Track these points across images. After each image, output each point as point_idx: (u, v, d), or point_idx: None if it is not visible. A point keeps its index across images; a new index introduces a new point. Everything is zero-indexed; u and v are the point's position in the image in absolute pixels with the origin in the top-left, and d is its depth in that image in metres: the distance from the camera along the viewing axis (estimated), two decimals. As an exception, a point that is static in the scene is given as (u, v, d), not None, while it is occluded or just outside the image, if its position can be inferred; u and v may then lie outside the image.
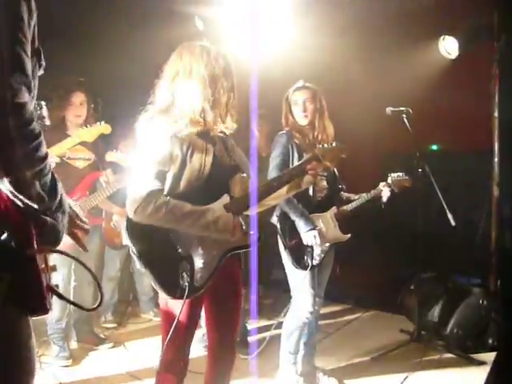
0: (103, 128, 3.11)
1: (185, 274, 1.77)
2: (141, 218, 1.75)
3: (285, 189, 2.09)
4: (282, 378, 2.95)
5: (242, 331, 3.53)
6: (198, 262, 1.81)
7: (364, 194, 2.94)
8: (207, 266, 1.82)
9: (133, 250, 1.76)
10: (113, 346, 3.58)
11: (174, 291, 1.78)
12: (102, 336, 3.70)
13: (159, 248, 1.81)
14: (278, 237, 2.86)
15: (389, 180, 2.92)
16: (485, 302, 3.75)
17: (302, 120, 2.86)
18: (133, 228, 1.79)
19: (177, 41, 1.99)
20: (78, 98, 3.26)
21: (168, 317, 1.89)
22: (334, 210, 2.88)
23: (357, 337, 3.91)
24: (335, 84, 5.42)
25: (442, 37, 3.83)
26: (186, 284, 1.77)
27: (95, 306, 1.29)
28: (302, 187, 2.15)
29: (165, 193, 1.81)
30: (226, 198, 1.88)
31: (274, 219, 2.89)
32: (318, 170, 2.13)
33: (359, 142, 4.78)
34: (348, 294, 4.79)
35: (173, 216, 1.75)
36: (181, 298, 1.77)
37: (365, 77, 5.73)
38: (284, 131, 2.90)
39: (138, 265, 1.78)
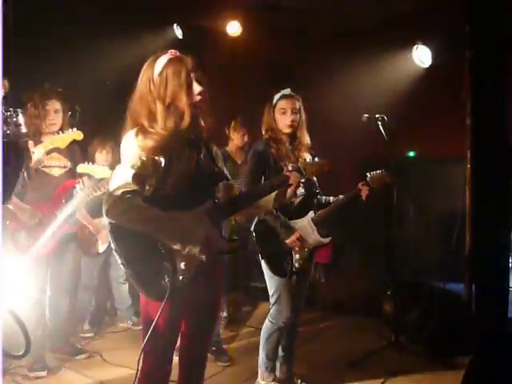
0: (75, 134, 3.07)
1: (166, 275, 1.77)
2: (111, 217, 1.75)
3: (271, 203, 2.12)
4: (259, 384, 2.95)
5: (217, 339, 3.52)
6: (180, 264, 1.80)
7: (342, 196, 2.95)
8: (189, 268, 1.81)
9: (116, 249, 1.76)
10: (89, 356, 3.52)
11: (155, 292, 1.78)
12: (78, 346, 3.65)
13: (142, 248, 1.80)
14: (256, 244, 2.86)
15: (367, 178, 2.90)
16: (461, 307, 3.81)
17: (286, 129, 2.84)
18: (116, 228, 1.79)
19: (156, 49, 2.00)
20: (53, 105, 3.23)
21: (148, 322, 1.86)
22: (311, 214, 2.87)
23: (335, 342, 3.94)
24: (312, 92, 5.48)
25: (415, 46, 3.90)
26: (168, 285, 1.76)
27: (21, 354, 1.24)
28: (284, 201, 2.17)
29: (148, 195, 1.81)
30: (210, 203, 1.89)
31: (253, 227, 2.90)
32: (299, 183, 2.15)
33: (336, 149, 4.84)
34: (326, 299, 4.82)
35: (140, 219, 1.75)
36: (161, 299, 1.75)
37: (342, 85, 5.81)
38: (261, 140, 2.89)
39: (119, 261, 1.77)
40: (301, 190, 2.85)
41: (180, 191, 1.84)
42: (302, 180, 2.78)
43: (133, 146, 1.81)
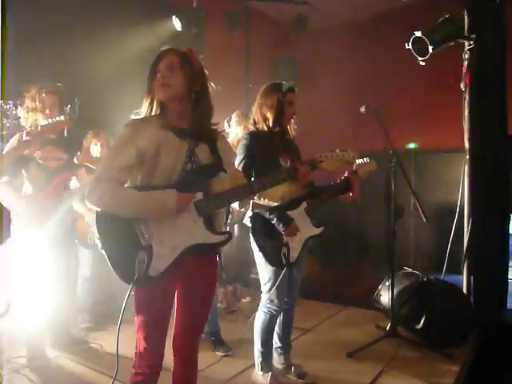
0: (64, 121, 3.05)
1: (139, 263, 1.82)
2: (91, 201, 1.83)
3: (277, 197, 2.13)
4: (256, 375, 2.97)
5: (216, 329, 3.55)
6: (157, 253, 1.85)
7: (331, 185, 2.93)
8: (165, 257, 1.86)
9: (97, 235, 1.85)
10: (90, 347, 3.55)
11: (129, 277, 1.85)
12: (78, 336, 3.67)
13: (122, 236, 1.86)
14: (251, 236, 2.86)
15: (354, 167, 2.91)
16: (458, 298, 3.81)
17: (288, 121, 2.85)
18: (100, 215, 1.87)
19: (154, 42, 2.04)
20: (49, 99, 3.23)
21: (137, 309, 1.99)
22: (304, 205, 2.86)
23: (333, 333, 3.96)
24: (311, 83, 5.47)
25: (413, 36, 3.88)
26: (139, 272, 1.82)
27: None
28: (291, 196, 2.18)
29: (137, 184, 1.90)
30: (198, 196, 1.91)
31: (247, 220, 2.89)
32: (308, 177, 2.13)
33: (336, 141, 4.85)
34: (325, 290, 4.84)
35: (119, 200, 1.84)
36: (136, 284, 1.86)
37: (342, 76, 5.80)
38: (247, 134, 2.85)
39: (99, 245, 1.86)
40: None
41: (168, 182, 1.88)
42: None
43: (121, 135, 1.90)
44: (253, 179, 2.52)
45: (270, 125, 2.81)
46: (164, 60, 1.94)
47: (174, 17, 5.25)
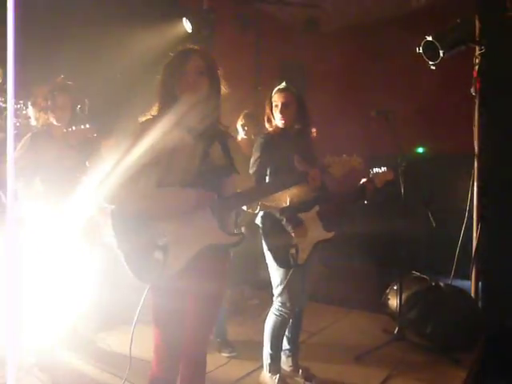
0: (88, 130, 3.12)
1: (156, 262, 1.83)
2: (107, 200, 1.84)
3: (285, 200, 2.14)
4: (264, 376, 2.97)
5: (222, 331, 3.56)
6: (173, 253, 1.85)
7: (346, 191, 2.95)
8: (181, 257, 1.85)
9: (113, 234, 1.84)
10: (98, 347, 3.56)
11: (145, 277, 1.85)
12: (86, 337, 3.68)
13: (138, 235, 1.86)
14: (262, 237, 2.88)
15: (370, 175, 2.93)
16: (466, 303, 3.80)
17: (280, 122, 2.84)
18: (116, 214, 1.87)
19: (165, 43, 2.05)
20: (61, 99, 3.25)
21: (153, 309, 1.96)
22: (316, 208, 2.87)
23: (341, 337, 3.95)
24: (319, 86, 5.48)
25: (424, 41, 3.88)
26: (156, 271, 1.83)
27: None
28: (300, 199, 2.19)
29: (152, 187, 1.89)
30: (214, 195, 1.92)
31: (258, 220, 2.90)
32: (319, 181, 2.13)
33: (344, 144, 4.84)
34: (332, 294, 4.83)
35: (135, 197, 1.84)
36: (153, 284, 1.86)
37: (351, 80, 5.80)
38: (263, 134, 2.89)
39: (115, 244, 1.85)
40: None
41: (182, 181, 1.88)
42: None
43: (136, 133, 1.88)
44: (265, 181, 2.54)
45: (271, 128, 2.90)
46: (191, 63, 1.95)
47: (184, 19, 5.27)
